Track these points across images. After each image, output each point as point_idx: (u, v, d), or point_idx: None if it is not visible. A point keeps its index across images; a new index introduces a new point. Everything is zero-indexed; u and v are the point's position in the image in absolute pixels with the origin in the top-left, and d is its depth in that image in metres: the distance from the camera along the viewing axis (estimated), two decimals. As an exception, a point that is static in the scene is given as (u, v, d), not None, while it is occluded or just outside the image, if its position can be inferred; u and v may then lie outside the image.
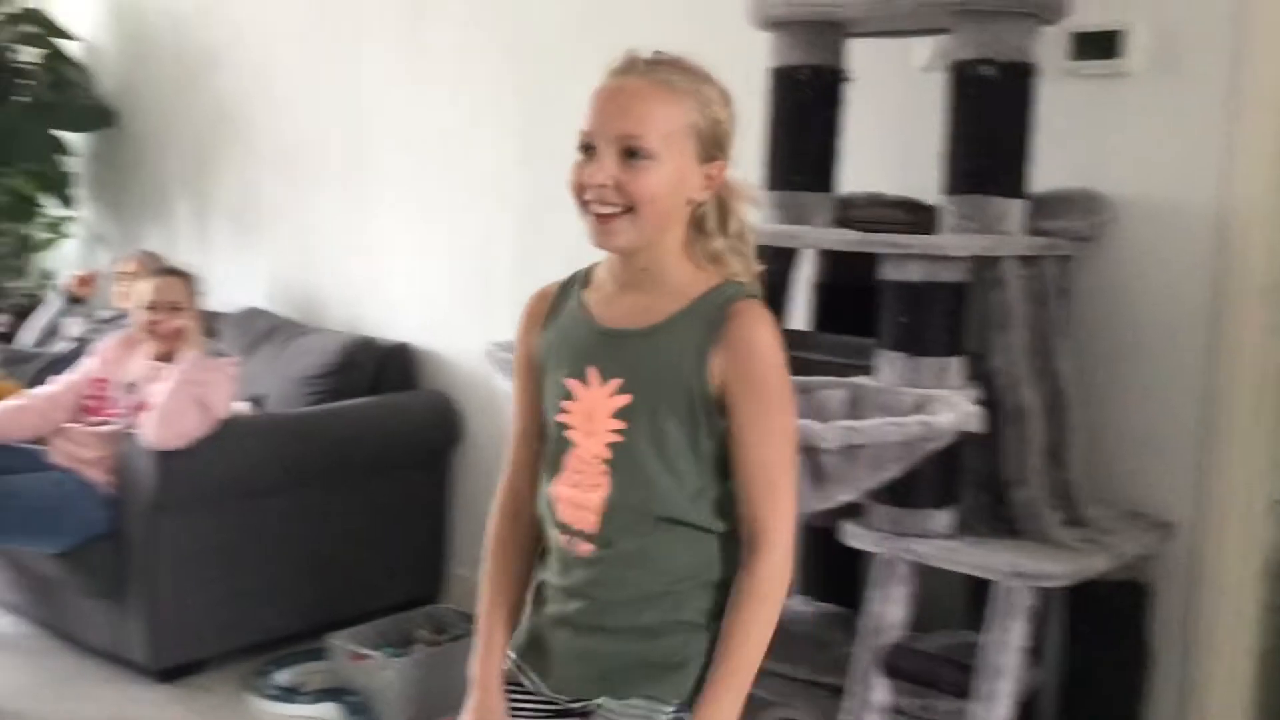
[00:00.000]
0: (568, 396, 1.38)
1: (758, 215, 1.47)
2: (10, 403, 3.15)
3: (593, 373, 1.37)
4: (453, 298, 3.48)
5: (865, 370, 2.09)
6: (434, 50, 3.48)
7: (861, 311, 2.36)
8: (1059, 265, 2.17)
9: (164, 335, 3.08)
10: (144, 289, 3.15)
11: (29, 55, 4.44)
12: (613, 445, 1.35)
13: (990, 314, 2.06)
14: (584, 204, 1.35)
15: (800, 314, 2.45)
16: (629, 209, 1.32)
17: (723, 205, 1.39)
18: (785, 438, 1.36)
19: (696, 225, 1.38)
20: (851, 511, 2.06)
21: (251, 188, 4.05)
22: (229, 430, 3.01)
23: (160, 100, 4.38)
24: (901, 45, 2.47)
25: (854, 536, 2.06)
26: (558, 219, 3.20)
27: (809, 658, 2.23)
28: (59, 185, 4.45)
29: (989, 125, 2.06)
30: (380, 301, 3.65)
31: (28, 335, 4.06)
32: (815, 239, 2.14)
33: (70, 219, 4.61)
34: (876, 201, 2.29)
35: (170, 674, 2.98)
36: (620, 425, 1.35)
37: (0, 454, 3.06)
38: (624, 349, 1.37)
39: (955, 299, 2.00)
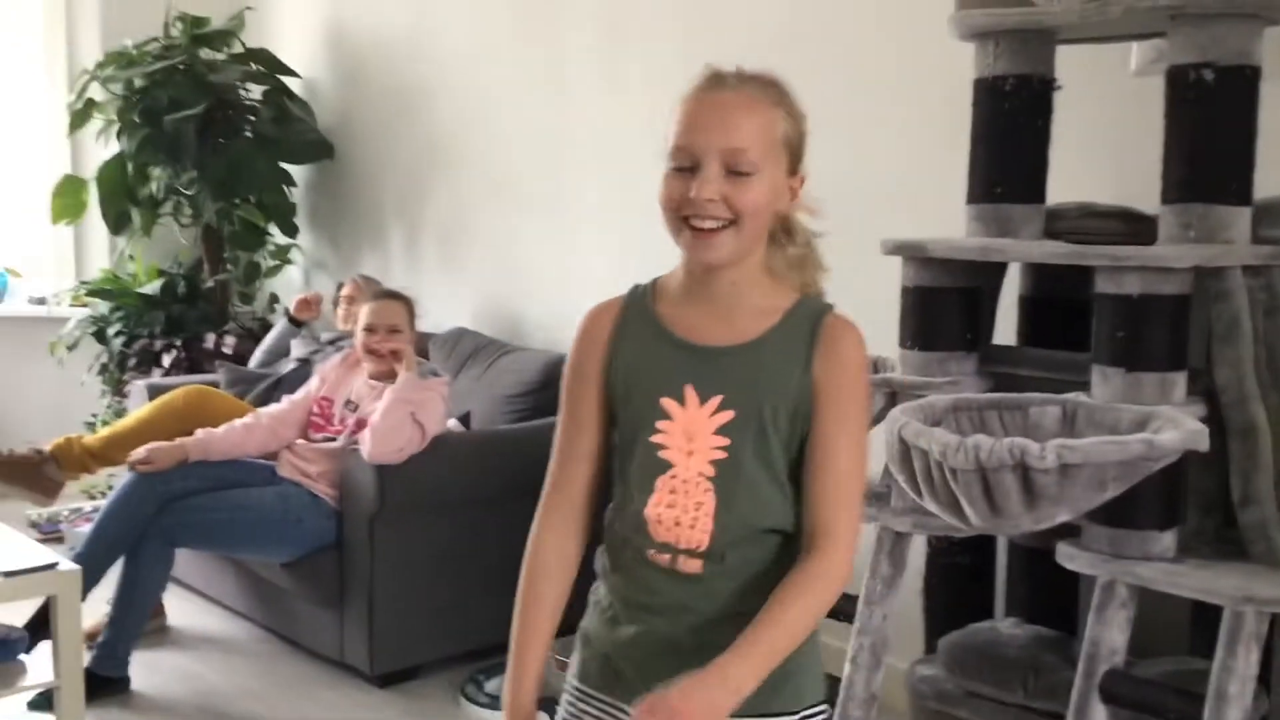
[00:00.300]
0: (663, 416, 1.37)
1: (815, 223, 1.47)
2: (242, 421, 3.36)
3: (689, 391, 1.36)
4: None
5: (1077, 386, 2.03)
6: (629, 83, 3.56)
7: (1071, 325, 2.30)
8: (1289, 275, 2.06)
9: (382, 356, 3.23)
10: (364, 312, 3.31)
11: (255, 92, 4.73)
12: (716, 462, 1.35)
13: (1215, 327, 1.98)
14: (682, 219, 1.36)
15: (1007, 328, 2.40)
16: (731, 222, 1.34)
17: (784, 215, 1.42)
18: (864, 448, 1.39)
19: (770, 237, 1.41)
20: (1067, 531, 2.00)
21: (460, 215, 4.21)
22: (441, 446, 3.13)
23: (374, 132, 4.60)
24: (1114, 50, 2.40)
25: (1070, 558, 2.00)
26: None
27: (1022, 682, 2.17)
28: (284, 214, 4.72)
29: (1209, 131, 1.97)
30: (568, 321, 3.73)
31: (256, 356, 4.31)
32: (1024, 252, 2.09)
33: (294, 246, 4.88)
34: (1089, 212, 2.23)
35: (388, 679, 3.12)
36: (724, 442, 1.35)
37: (233, 469, 3.26)
38: (722, 366, 1.37)
39: (1177, 311, 1.92)
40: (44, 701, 2.77)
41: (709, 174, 1.33)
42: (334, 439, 3.26)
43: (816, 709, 1.40)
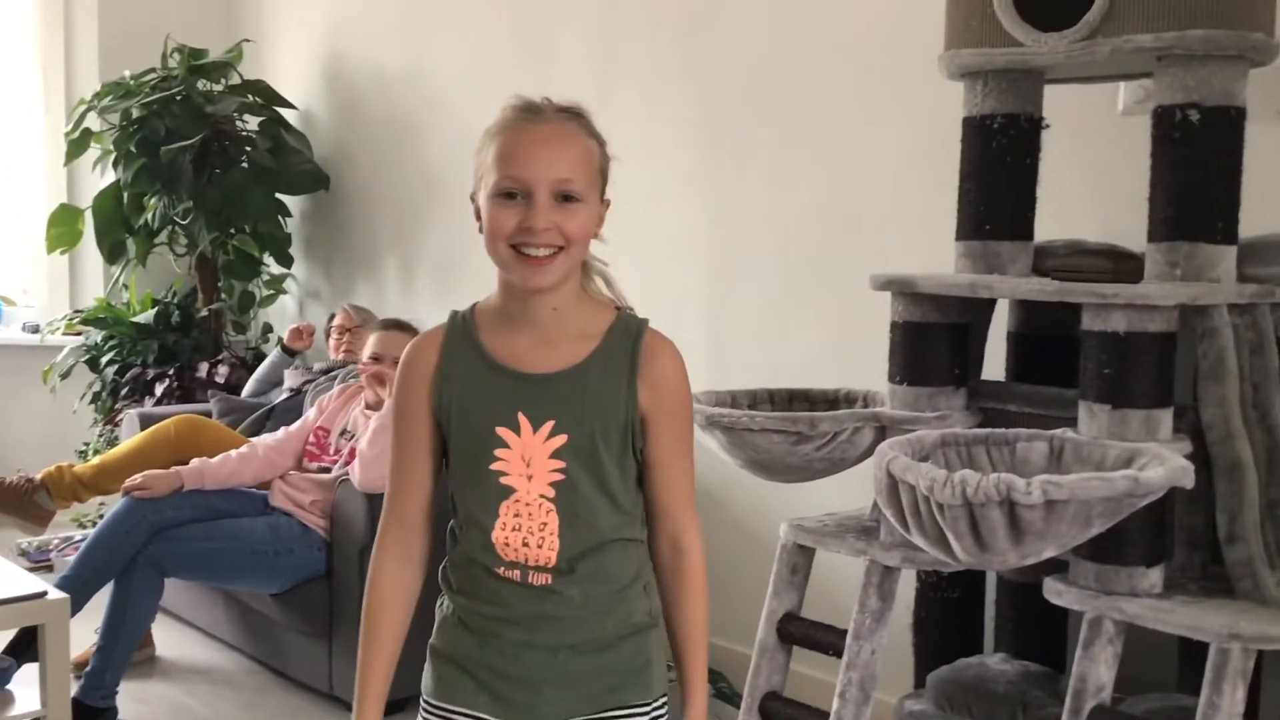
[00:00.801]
0: (500, 444, 1.43)
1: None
2: (238, 451, 3.36)
3: (523, 418, 1.42)
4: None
5: (1064, 422, 2.04)
6: (622, 116, 3.58)
7: (1058, 362, 2.32)
8: (1274, 313, 2.08)
9: (384, 384, 3.25)
10: (371, 341, 3.34)
11: (251, 123, 4.75)
12: (555, 484, 1.43)
13: (1201, 364, 1.99)
14: (513, 248, 1.40)
15: (995, 364, 2.41)
16: (561, 249, 1.40)
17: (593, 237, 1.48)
18: (691, 451, 1.52)
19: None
20: (1055, 566, 2.01)
21: (454, 247, 4.23)
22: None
23: (370, 164, 4.63)
24: (1101, 90, 2.42)
25: (1058, 594, 2.01)
26: (746, 279, 3.25)
27: (1011, 718, 2.17)
28: (279, 245, 4.74)
29: (1195, 170, 1.99)
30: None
31: (248, 386, 4.32)
32: (1013, 289, 2.10)
33: (288, 276, 4.89)
34: (1077, 250, 2.25)
35: (377, 712, 3.10)
36: (560, 464, 1.43)
37: (226, 499, 3.27)
38: (551, 392, 1.43)
39: (1163, 349, 1.94)
40: (30, 731, 2.76)
41: (541, 203, 1.39)
42: (329, 469, 3.26)
43: (663, 699, 1.52)
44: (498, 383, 1.44)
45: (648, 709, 1.50)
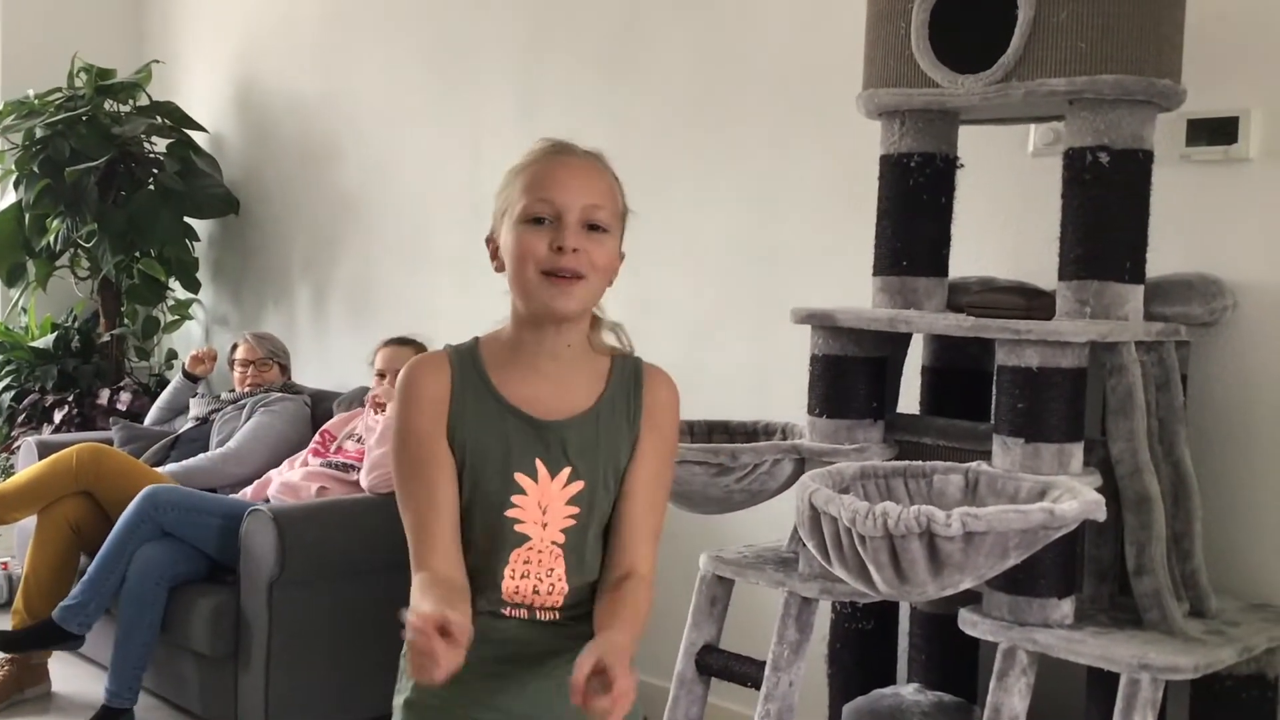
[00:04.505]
0: (518, 491, 1.40)
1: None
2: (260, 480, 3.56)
3: (540, 465, 1.41)
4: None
5: (978, 455, 2.07)
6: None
7: (971, 395, 2.36)
8: (1179, 351, 2.15)
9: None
10: (378, 358, 3.46)
11: (160, 146, 4.66)
12: (567, 530, 1.42)
13: (1110, 400, 2.05)
14: (543, 273, 1.39)
15: (910, 397, 2.45)
16: (584, 277, 1.40)
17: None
18: (667, 487, 1.51)
19: None
20: (969, 598, 2.04)
21: (369, 273, 4.18)
22: (341, 510, 3.12)
23: (282, 189, 4.56)
24: (1013, 132, 2.49)
25: (973, 625, 2.04)
26: (663, 311, 3.26)
27: (925, 747, 2.19)
28: (187, 269, 4.64)
29: (1105, 211, 2.05)
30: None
31: (151, 414, 4.21)
32: (931, 324, 2.14)
33: (194, 301, 4.79)
34: (990, 287, 2.30)
35: (284, 748, 3.04)
36: (575, 510, 1.42)
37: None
38: (567, 438, 1.42)
39: (1075, 385, 1.98)
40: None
41: (571, 225, 1.39)
42: (331, 462, 3.40)
43: None
44: (514, 427, 1.41)
45: None
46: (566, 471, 1.41)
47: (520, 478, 1.40)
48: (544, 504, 1.41)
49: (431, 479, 1.40)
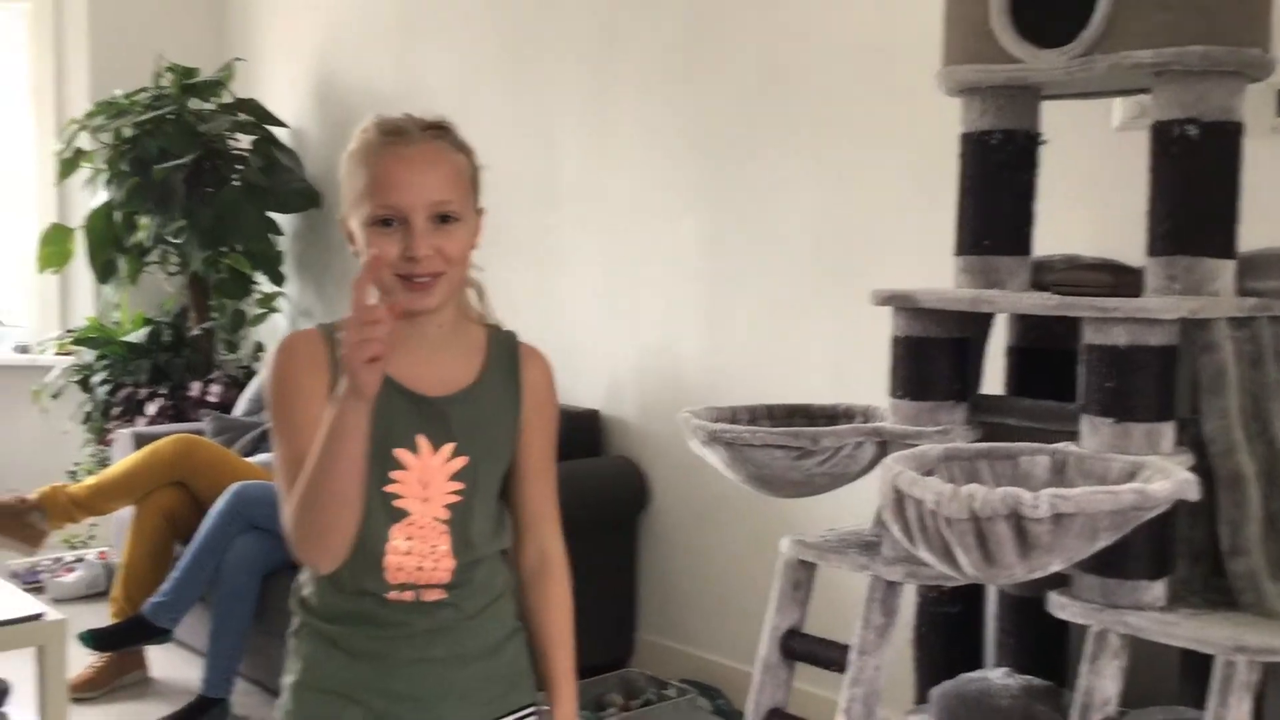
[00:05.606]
0: (396, 466, 1.39)
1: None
2: None
3: (422, 440, 1.40)
4: (639, 366, 3.55)
5: (1065, 436, 2.04)
6: (617, 131, 3.59)
7: (1057, 375, 2.32)
8: (1271, 327, 2.09)
9: None
10: None
11: (243, 142, 4.75)
12: (451, 505, 1.42)
13: (1202, 378, 2.00)
14: (400, 277, 1.36)
15: (993, 378, 2.42)
16: (442, 273, 1.38)
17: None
18: (555, 460, 1.53)
19: None
20: (1057, 581, 2.01)
21: (447, 262, 4.22)
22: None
23: (362, 181, 4.61)
24: (1098, 106, 2.44)
25: (1062, 608, 2.01)
26: (742, 295, 3.26)
27: (1014, 732, 2.17)
28: (271, 263, 4.73)
29: (1194, 185, 2.01)
30: (570, 369, 3.74)
31: (240, 405, 4.30)
32: (1014, 303, 2.11)
33: (279, 294, 4.88)
34: (1075, 264, 2.26)
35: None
36: (459, 486, 1.42)
37: None
38: (450, 414, 1.42)
39: (1164, 363, 1.94)
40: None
41: (420, 229, 1.36)
42: None
43: (534, 705, 1.53)
44: (394, 404, 1.38)
45: (531, 712, 1.52)
46: (450, 447, 1.41)
47: (400, 453, 1.39)
48: (425, 479, 1.40)
49: (315, 434, 1.31)
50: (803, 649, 2.30)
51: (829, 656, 2.25)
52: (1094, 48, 2.02)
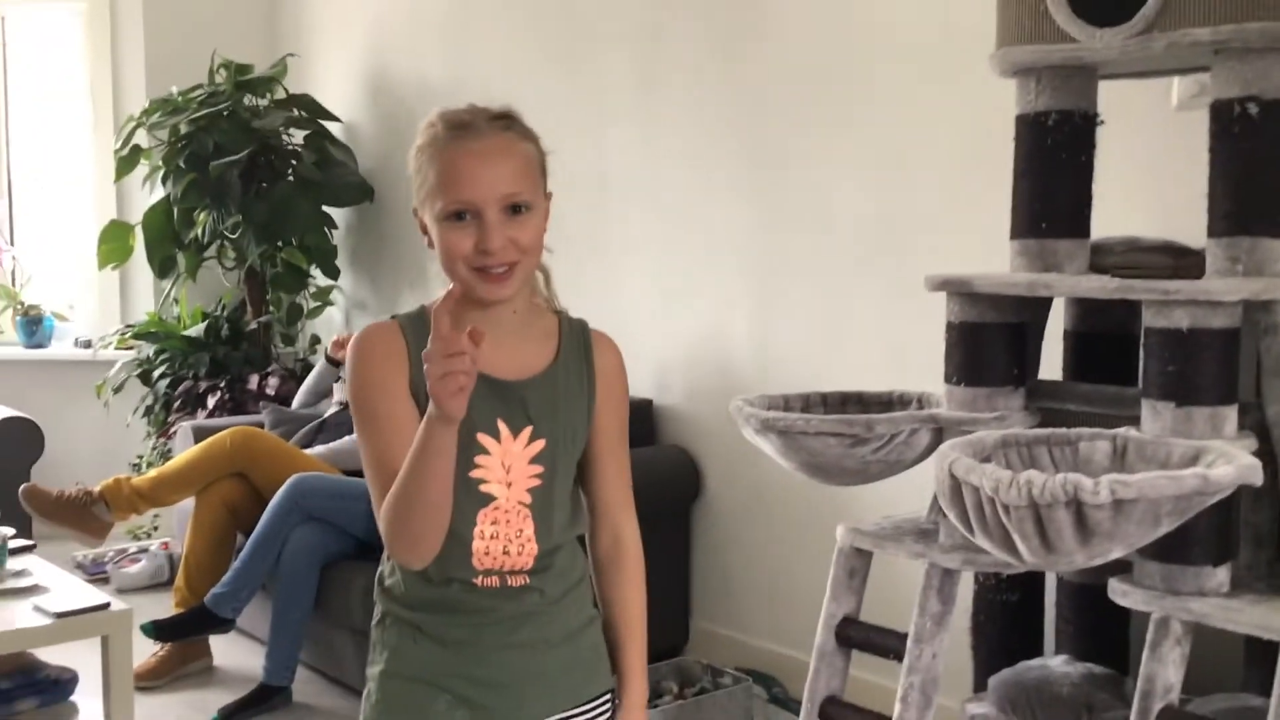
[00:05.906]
0: (481, 451, 1.40)
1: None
2: None
3: (502, 425, 1.41)
4: (690, 356, 3.55)
5: (1125, 421, 2.02)
6: (667, 120, 3.59)
7: (1116, 360, 2.29)
8: (1337, 308, 2.05)
9: None
10: None
11: (297, 137, 4.80)
12: (533, 490, 1.43)
13: (1265, 360, 1.97)
14: (475, 270, 1.37)
15: (1051, 363, 2.39)
16: (517, 262, 1.39)
17: None
18: (628, 445, 1.56)
19: None
20: (1117, 567, 1.99)
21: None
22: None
23: (414, 174, 4.64)
24: (1156, 85, 2.40)
25: (1124, 595, 1.98)
26: (795, 282, 3.24)
27: None
28: (326, 256, 4.78)
29: (1256, 164, 1.97)
30: (625, 360, 3.74)
31: (297, 398, 4.35)
32: (1072, 287, 2.08)
33: (335, 287, 4.93)
34: (1135, 246, 2.22)
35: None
36: (539, 470, 1.43)
37: None
38: (526, 398, 1.43)
39: (1227, 345, 1.91)
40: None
41: (492, 222, 1.37)
42: None
43: (611, 690, 1.54)
44: (475, 389, 1.35)
45: (609, 699, 1.52)
46: (528, 431, 1.42)
47: (483, 437, 1.40)
48: (507, 463, 1.42)
49: (399, 428, 1.36)
50: (859, 637, 2.29)
51: (886, 644, 2.23)
52: (1151, 26, 1.98)
